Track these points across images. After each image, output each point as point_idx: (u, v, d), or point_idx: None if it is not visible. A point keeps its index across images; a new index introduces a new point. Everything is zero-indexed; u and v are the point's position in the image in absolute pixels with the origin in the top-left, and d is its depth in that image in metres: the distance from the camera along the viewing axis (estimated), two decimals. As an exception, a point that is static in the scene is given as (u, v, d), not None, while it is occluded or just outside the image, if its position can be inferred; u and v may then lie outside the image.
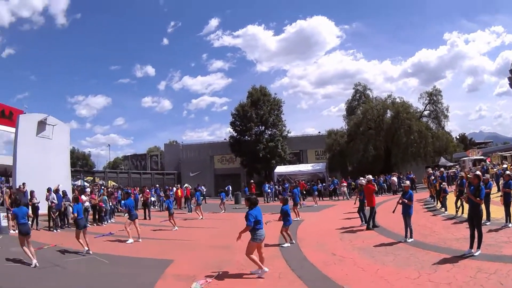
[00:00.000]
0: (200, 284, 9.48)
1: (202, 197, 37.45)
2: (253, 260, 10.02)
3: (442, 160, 49.77)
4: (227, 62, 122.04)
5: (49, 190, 21.17)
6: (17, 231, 17.86)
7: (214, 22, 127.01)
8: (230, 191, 38.35)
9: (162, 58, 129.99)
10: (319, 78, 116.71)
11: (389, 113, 46.05)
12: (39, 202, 20.61)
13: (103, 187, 33.85)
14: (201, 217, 25.25)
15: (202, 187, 39.33)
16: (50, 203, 20.70)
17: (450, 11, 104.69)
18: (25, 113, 43.93)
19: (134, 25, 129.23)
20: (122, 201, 21.02)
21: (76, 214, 14.25)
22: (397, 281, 8.85)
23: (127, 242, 16.30)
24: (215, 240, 16.53)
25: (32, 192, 20.76)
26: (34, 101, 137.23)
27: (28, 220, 13.53)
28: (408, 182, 16.16)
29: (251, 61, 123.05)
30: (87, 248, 14.01)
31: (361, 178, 21.22)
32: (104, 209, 24.32)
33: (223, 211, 29.10)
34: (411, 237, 13.28)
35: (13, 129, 53.74)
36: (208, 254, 13.62)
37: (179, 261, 12.56)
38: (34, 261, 11.86)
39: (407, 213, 13.45)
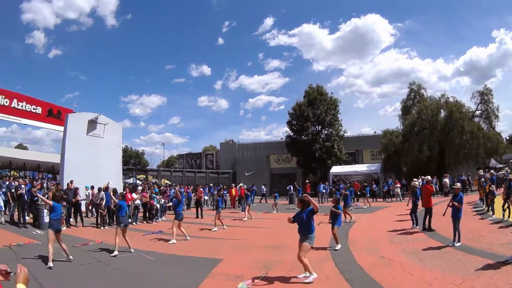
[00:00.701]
0: (246, 285, 9.49)
1: (262, 197, 38.66)
2: (305, 264, 9.77)
3: (492, 162, 47.88)
4: (284, 61, 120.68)
5: (99, 189, 22.23)
6: (65, 228, 18.51)
7: (269, 21, 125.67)
8: (292, 190, 37.97)
9: (217, 58, 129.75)
10: (375, 77, 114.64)
11: (442, 113, 44.86)
12: (83, 199, 21.21)
13: (154, 185, 34.31)
14: (245, 218, 25.10)
15: (263, 187, 40.43)
16: (98, 201, 21.51)
17: (496, 7, 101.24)
18: (74, 112, 44.90)
19: (187, 25, 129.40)
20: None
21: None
22: (441, 287, 8.77)
23: (169, 242, 16.26)
24: (265, 240, 16.49)
25: (76, 190, 21.74)
26: (84, 100, 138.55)
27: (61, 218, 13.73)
28: (458, 184, 15.83)
29: (308, 60, 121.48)
30: (126, 246, 14.17)
31: (415, 179, 20.99)
32: (154, 207, 24.79)
33: (275, 211, 29.01)
34: (458, 241, 13.11)
35: (61, 128, 55.04)
36: (258, 254, 13.58)
37: (228, 260, 12.56)
38: (70, 256, 12.17)
39: (456, 216, 13.28)
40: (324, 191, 37.95)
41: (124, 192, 22.60)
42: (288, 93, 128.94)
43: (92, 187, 23.27)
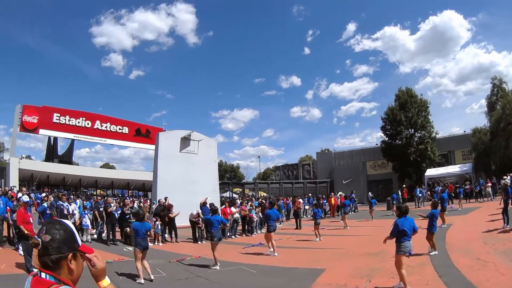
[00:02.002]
0: None
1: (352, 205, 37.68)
2: (401, 275, 9.48)
3: None
4: (371, 66, 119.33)
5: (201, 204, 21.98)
6: (160, 244, 18.99)
7: (351, 27, 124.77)
8: (395, 199, 37.37)
9: (306, 68, 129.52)
10: (458, 75, 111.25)
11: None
12: (177, 214, 21.47)
13: (253, 198, 34.65)
14: (344, 226, 24.90)
15: (369, 193, 39.68)
16: (195, 216, 21.49)
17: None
18: (164, 130, 45.98)
19: (270, 37, 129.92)
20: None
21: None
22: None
23: (269, 253, 16.20)
24: (365, 248, 16.36)
25: (170, 206, 21.83)
26: (173, 118, 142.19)
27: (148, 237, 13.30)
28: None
29: (394, 63, 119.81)
30: (214, 263, 13.82)
31: (504, 177, 20.50)
32: (254, 220, 25.03)
33: (372, 218, 28.81)
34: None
35: (150, 146, 57.83)
36: (359, 262, 13.46)
37: (330, 270, 12.45)
38: (152, 276, 11.70)
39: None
40: (420, 195, 36.91)
41: (223, 206, 23.36)
42: (379, 98, 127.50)
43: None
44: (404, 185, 42.74)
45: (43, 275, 2.23)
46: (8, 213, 16.68)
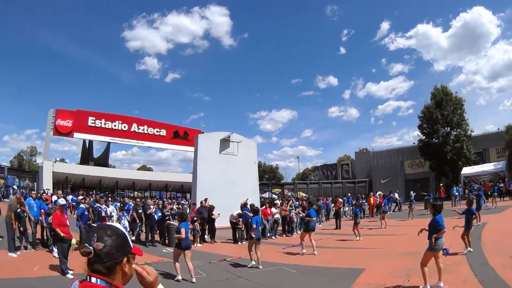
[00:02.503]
0: None
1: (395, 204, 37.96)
2: (423, 273, 9.63)
3: None
4: (406, 64, 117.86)
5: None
6: (200, 245, 19.38)
7: (385, 26, 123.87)
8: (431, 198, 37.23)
9: (342, 67, 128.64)
10: (490, 72, 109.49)
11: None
12: (218, 215, 21.78)
13: (293, 198, 34.89)
14: (383, 226, 25.07)
15: (411, 192, 39.25)
16: (236, 217, 21.70)
17: None
18: (203, 132, 46.47)
19: (305, 38, 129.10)
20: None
21: (254, 226, 14.31)
22: None
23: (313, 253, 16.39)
24: (403, 248, 16.32)
25: (212, 207, 22.20)
26: (210, 120, 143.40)
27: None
28: None
29: (428, 61, 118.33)
30: (253, 262, 14.14)
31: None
32: (294, 220, 25.27)
33: (410, 218, 28.97)
34: None
35: (188, 148, 58.85)
36: (397, 261, 13.57)
37: (370, 270, 12.61)
38: (193, 279, 11.67)
39: None
40: (457, 193, 36.80)
41: (263, 207, 23.52)
42: (415, 96, 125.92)
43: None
44: (441, 184, 42.44)
45: (93, 279, 2.20)
46: (43, 216, 16.94)
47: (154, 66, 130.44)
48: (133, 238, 20.67)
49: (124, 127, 59.34)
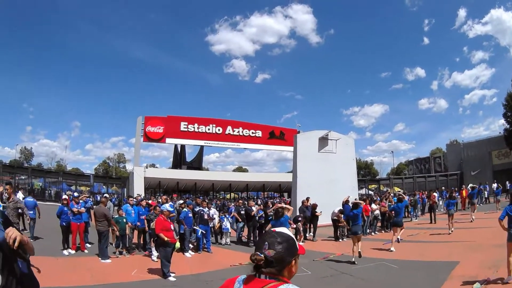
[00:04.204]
0: (480, 285, 9.72)
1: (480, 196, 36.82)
2: (508, 264, 9.73)
3: None
4: (486, 51, 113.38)
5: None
6: (301, 243, 19.58)
7: (462, 12, 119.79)
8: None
9: (427, 58, 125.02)
10: None
11: None
12: (321, 213, 22.43)
13: (391, 194, 34.91)
14: (471, 219, 24.80)
15: (494, 183, 38.61)
16: (337, 214, 21.59)
17: None
18: (299, 131, 46.77)
19: (388, 30, 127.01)
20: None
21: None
22: None
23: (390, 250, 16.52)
24: (492, 240, 15.76)
25: (315, 205, 22.48)
26: (304, 118, 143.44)
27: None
28: None
29: (505, 47, 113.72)
30: (355, 256, 14.40)
31: None
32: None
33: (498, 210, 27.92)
34: None
35: (284, 148, 60.01)
36: (489, 253, 13.51)
37: (464, 262, 12.68)
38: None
39: None
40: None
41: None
42: (497, 84, 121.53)
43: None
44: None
45: (262, 276, 2.34)
46: (145, 221, 17.17)
47: (242, 68, 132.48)
48: (235, 239, 21.90)
49: (219, 130, 60.56)
